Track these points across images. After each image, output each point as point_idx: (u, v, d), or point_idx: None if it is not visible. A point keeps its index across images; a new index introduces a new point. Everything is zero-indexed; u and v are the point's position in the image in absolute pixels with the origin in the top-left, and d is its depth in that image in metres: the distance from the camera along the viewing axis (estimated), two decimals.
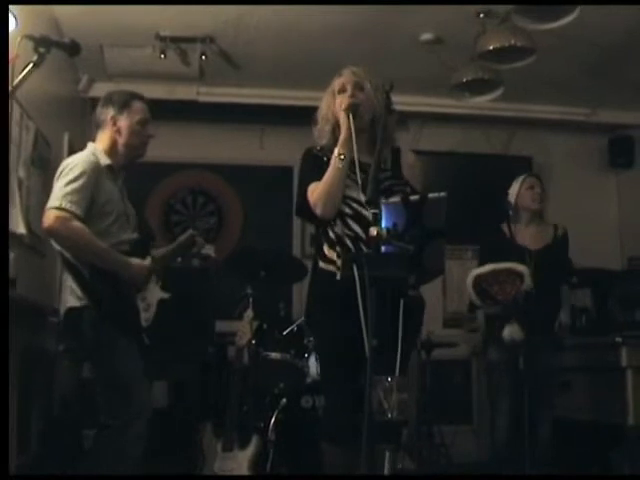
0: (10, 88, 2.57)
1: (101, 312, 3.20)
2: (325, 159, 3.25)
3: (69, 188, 3.18)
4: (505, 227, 4.65)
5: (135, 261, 3.36)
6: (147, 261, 3.43)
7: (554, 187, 6.86)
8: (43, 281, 4.97)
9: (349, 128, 3.16)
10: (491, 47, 4.86)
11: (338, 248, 3.17)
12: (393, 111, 3.04)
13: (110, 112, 3.44)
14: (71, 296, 3.29)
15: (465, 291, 4.67)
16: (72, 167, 3.26)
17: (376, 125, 3.19)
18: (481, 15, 5.05)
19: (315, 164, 3.27)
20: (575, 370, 5.18)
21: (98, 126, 3.49)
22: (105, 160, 3.40)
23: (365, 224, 3.04)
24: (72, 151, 5.65)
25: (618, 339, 4.84)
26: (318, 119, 3.39)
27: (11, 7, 3.38)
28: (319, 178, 3.18)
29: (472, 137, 6.99)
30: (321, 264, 3.26)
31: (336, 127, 3.30)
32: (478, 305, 4.54)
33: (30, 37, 2.55)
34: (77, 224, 3.16)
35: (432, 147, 7.00)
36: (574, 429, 5.03)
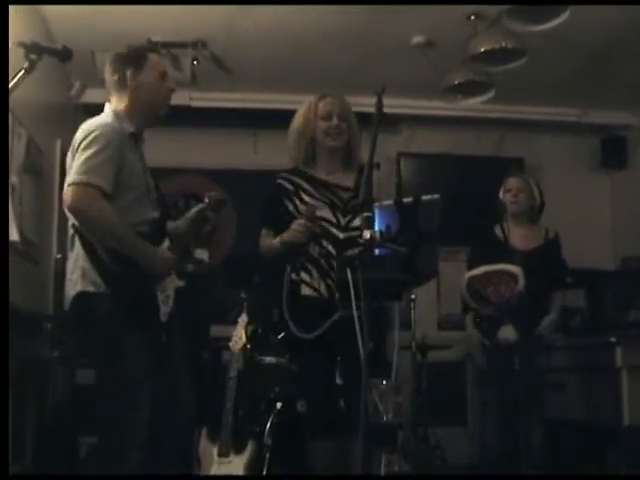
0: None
1: (118, 302, 2.87)
2: (292, 188, 3.46)
3: (96, 160, 2.87)
4: (497, 228, 4.65)
5: (162, 251, 3.06)
6: (165, 245, 3.11)
7: (546, 188, 6.85)
8: (36, 288, 4.96)
9: (291, 241, 3.35)
10: (482, 49, 4.88)
11: (310, 266, 3.36)
12: (384, 115, 3.05)
13: (128, 69, 3.13)
14: (84, 279, 2.93)
15: (459, 293, 4.68)
16: (96, 135, 2.93)
17: (350, 146, 3.50)
18: (472, 17, 5.06)
19: (277, 199, 3.49)
20: (570, 371, 5.19)
21: (113, 87, 3.17)
22: (129, 127, 3.10)
23: (335, 242, 3.32)
24: (64, 158, 5.65)
25: (612, 339, 4.85)
26: (293, 130, 3.54)
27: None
28: (274, 218, 3.46)
29: (464, 139, 7.00)
30: (294, 276, 3.43)
31: (309, 145, 3.48)
32: (472, 307, 4.54)
33: (21, 44, 2.54)
34: (104, 204, 2.85)
35: (424, 150, 7.00)
36: (569, 429, 5.03)
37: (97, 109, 3.33)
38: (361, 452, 2.59)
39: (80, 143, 2.94)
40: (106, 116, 3.11)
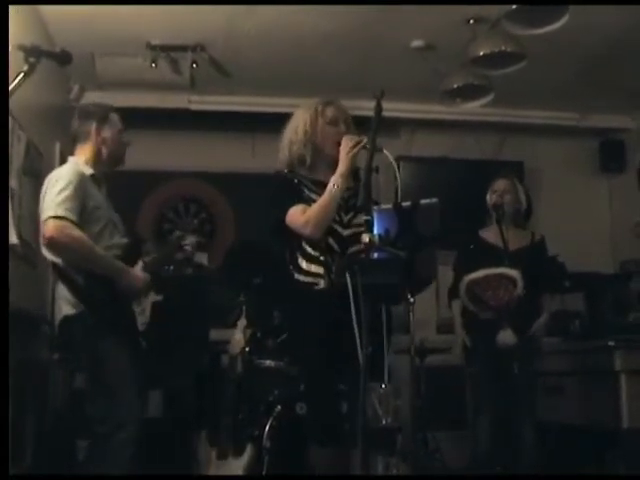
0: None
1: (97, 318, 3.24)
2: (296, 181, 3.37)
3: (62, 196, 3.24)
4: (483, 231, 4.67)
5: (135, 270, 3.44)
6: (139, 266, 3.49)
7: (546, 192, 6.89)
8: (35, 290, 4.96)
9: (350, 167, 3.22)
10: (481, 53, 4.88)
11: (322, 258, 3.26)
12: (383, 118, 3.04)
13: (92, 125, 3.54)
14: (66, 305, 3.32)
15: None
16: (58, 178, 3.34)
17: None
18: (471, 21, 5.07)
19: (290, 188, 3.36)
20: (569, 374, 5.19)
21: (78, 139, 3.58)
22: (88, 170, 3.48)
23: (339, 239, 3.26)
24: (64, 160, 5.64)
25: (611, 343, 4.84)
26: (298, 133, 3.42)
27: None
28: (297, 201, 3.27)
29: (463, 143, 7.00)
30: (298, 276, 3.33)
31: (313, 150, 3.38)
32: (471, 310, 4.55)
33: (21, 47, 2.54)
34: (77, 232, 3.22)
35: (423, 153, 7.00)
36: (568, 433, 5.03)
37: None
38: (360, 455, 2.60)
39: (47, 187, 3.35)
40: (68, 164, 3.52)
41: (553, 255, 4.93)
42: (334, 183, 3.20)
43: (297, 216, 3.26)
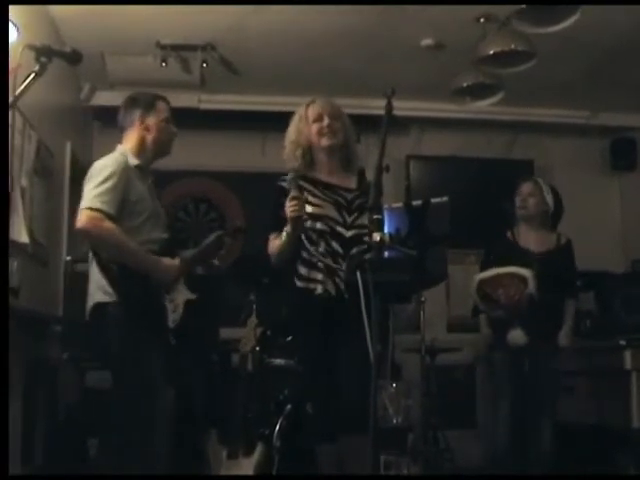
0: (12, 98, 2.57)
1: (128, 309, 3.23)
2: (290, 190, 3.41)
3: (100, 189, 3.22)
4: (509, 232, 4.65)
5: (166, 260, 3.39)
6: (176, 261, 3.44)
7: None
8: (46, 290, 4.97)
9: (295, 228, 3.28)
10: (491, 51, 4.87)
11: (320, 264, 3.31)
12: (394, 117, 3.04)
13: (137, 112, 3.51)
14: (99, 291, 3.29)
15: (469, 295, 4.68)
16: (101, 168, 3.30)
17: (347, 147, 3.51)
18: (481, 20, 5.06)
19: (279, 203, 3.39)
20: (579, 373, 5.18)
21: (124, 128, 3.54)
22: (133, 160, 3.45)
23: (342, 241, 3.30)
24: (75, 160, 5.67)
25: (622, 342, 4.84)
26: (288, 141, 3.58)
27: (12, 17, 3.39)
28: (279, 223, 3.36)
29: (473, 142, 6.99)
30: (298, 283, 3.38)
31: (306, 152, 3.51)
32: (482, 309, 4.54)
33: (31, 47, 2.55)
34: (108, 224, 3.19)
35: (433, 152, 7.00)
36: (579, 432, 5.02)
37: (106, 111, 3.42)
38: (370, 454, 2.59)
39: (90, 176, 3.32)
40: (114, 153, 3.48)
41: None
42: (279, 242, 3.35)
43: (269, 245, 3.45)
